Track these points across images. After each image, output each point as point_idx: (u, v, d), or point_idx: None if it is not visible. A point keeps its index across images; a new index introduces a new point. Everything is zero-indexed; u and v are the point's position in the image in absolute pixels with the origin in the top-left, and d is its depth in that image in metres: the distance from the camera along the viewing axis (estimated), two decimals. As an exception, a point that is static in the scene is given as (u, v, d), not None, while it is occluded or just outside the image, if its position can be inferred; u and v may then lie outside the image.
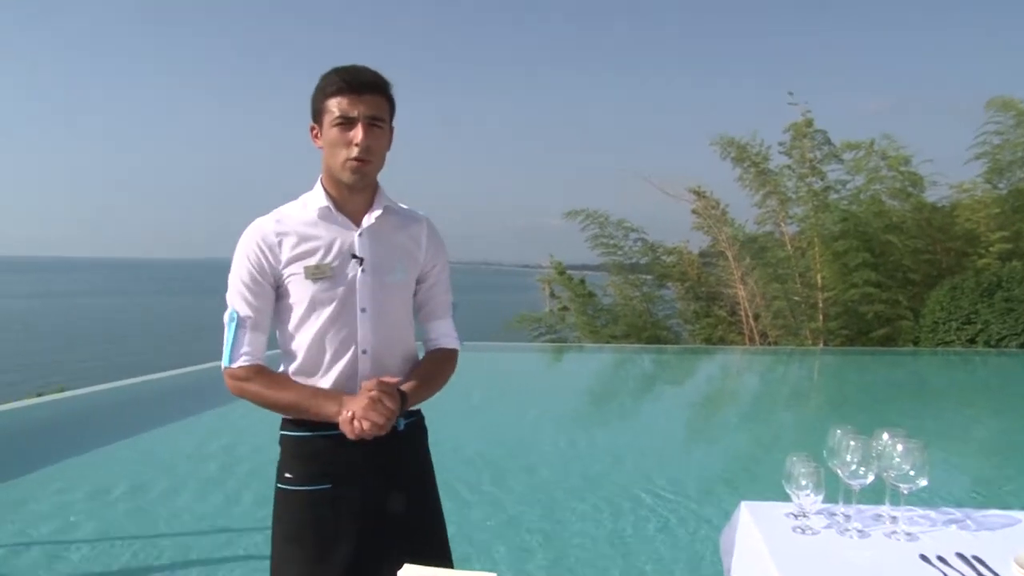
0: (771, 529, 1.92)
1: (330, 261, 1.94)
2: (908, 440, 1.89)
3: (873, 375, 13.41)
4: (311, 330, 1.96)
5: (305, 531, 1.94)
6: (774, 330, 17.37)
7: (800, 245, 17.22)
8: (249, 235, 1.97)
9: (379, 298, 1.99)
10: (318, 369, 1.98)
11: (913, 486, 1.87)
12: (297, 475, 1.96)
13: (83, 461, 6.33)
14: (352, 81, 1.90)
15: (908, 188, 17.19)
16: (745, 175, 17.82)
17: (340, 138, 1.91)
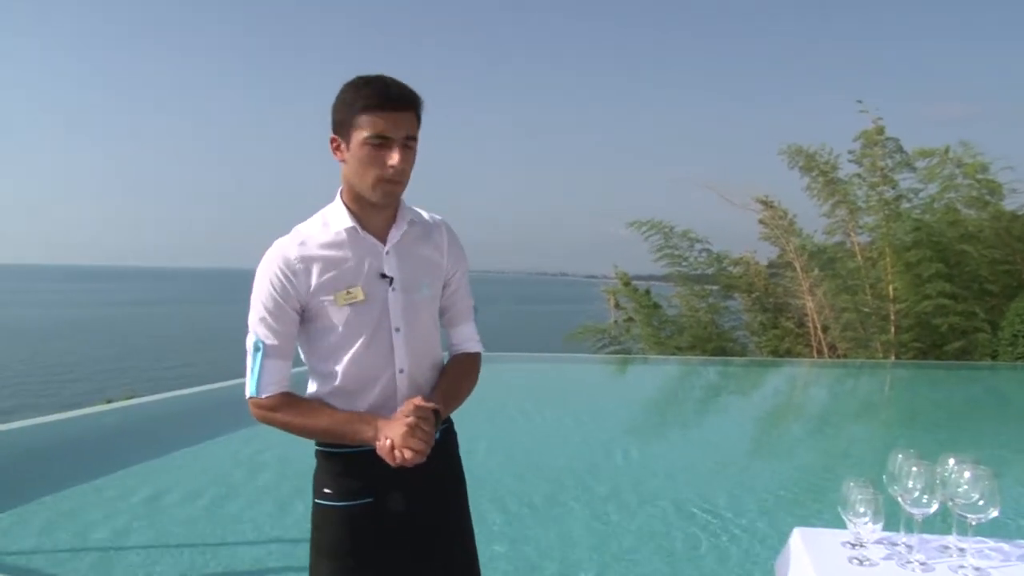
0: (824, 558, 1.82)
1: (361, 284, 1.89)
2: (977, 466, 1.77)
3: (948, 390, 13.03)
4: (347, 355, 1.91)
5: (345, 546, 1.91)
6: (843, 342, 16.99)
7: (871, 255, 16.82)
8: (271, 260, 1.89)
9: (410, 316, 1.94)
10: (356, 393, 1.93)
11: (983, 517, 1.74)
12: (336, 491, 1.93)
13: (146, 468, 6.54)
14: (388, 97, 1.79)
15: (985, 196, 16.68)
16: (813, 184, 17.51)
17: (373, 158, 1.81)
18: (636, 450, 7.96)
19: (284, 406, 1.90)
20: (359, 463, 1.91)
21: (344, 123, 1.83)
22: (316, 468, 2.00)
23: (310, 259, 1.88)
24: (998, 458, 8.22)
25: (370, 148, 1.80)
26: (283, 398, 1.90)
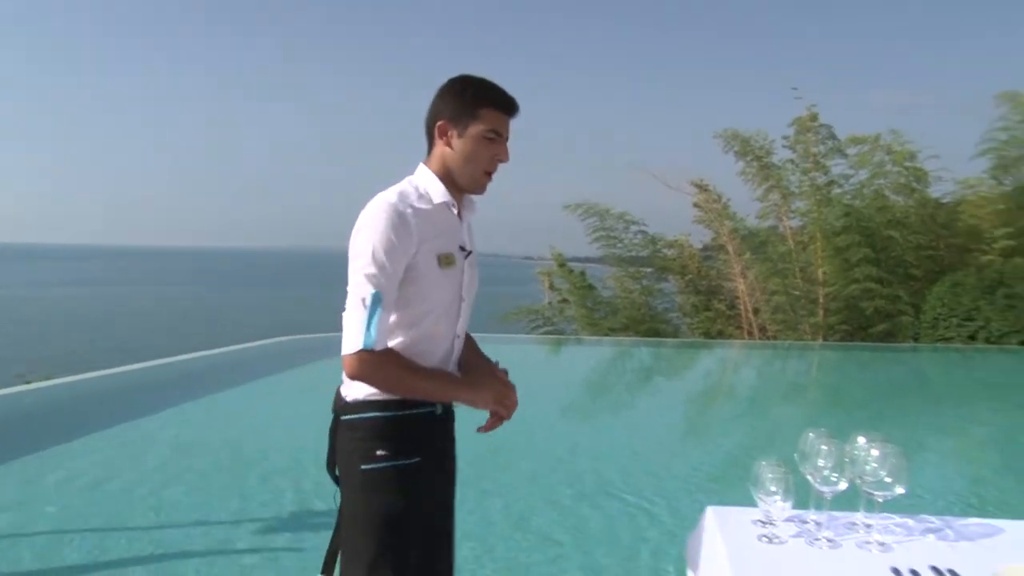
0: (735, 536, 1.82)
1: (452, 250, 2.03)
2: (885, 445, 1.77)
3: (873, 371, 13.29)
4: (429, 315, 2.01)
5: (409, 504, 1.99)
6: (773, 324, 17.27)
7: (802, 240, 17.11)
8: (390, 213, 1.93)
9: (471, 288, 2.14)
10: (425, 353, 2.03)
11: (889, 494, 1.75)
12: (392, 451, 1.98)
13: (64, 450, 6.26)
14: (510, 101, 2.03)
15: (912, 183, 17.08)
16: (748, 169, 17.75)
17: (485, 151, 2.01)
18: (563, 430, 7.91)
19: (396, 361, 1.96)
20: (415, 425, 2.02)
21: (462, 114, 2.00)
22: (356, 437, 2.01)
23: (421, 220, 1.96)
24: (918, 437, 8.40)
25: (485, 142, 2.00)
26: (392, 354, 1.96)
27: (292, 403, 8.72)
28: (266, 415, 8.15)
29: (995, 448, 8.09)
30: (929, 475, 7.06)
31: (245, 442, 6.76)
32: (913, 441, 8.16)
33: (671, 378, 13.24)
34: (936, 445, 8.09)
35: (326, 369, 11.04)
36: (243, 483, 5.45)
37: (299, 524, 4.78)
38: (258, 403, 8.81)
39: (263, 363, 10.92)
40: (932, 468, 7.30)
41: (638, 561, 4.27)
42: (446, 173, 2.05)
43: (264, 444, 6.69)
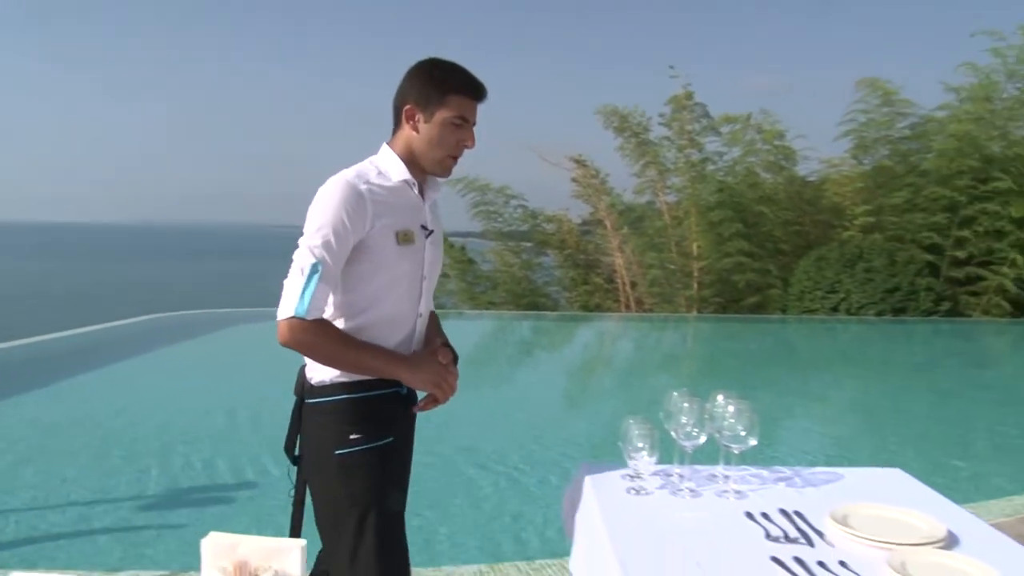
0: (606, 490, 1.95)
1: (412, 228, 2.03)
2: (740, 402, 1.93)
3: (744, 341, 13.75)
4: (389, 293, 2.02)
5: (386, 487, 2.00)
6: (649, 298, 17.63)
7: (677, 215, 17.48)
8: (345, 187, 1.94)
9: (434, 267, 2.14)
10: (386, 332, 2.04)
11: (744, 446, 1.90)
12: (367, 433, 1.98)
13: None
14: (478, 87, 2.02)
15: (781, 161, 17.73)
16: (626, 145, 17.97)
17: (451, 136, 2.01)
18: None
19: (326, 331, 1.94)
20: (385, 406, 2.03)
21: (430, 99, 1.99)
22: (326, 422, 2.01)
23: (377, 196, 1.97)
24: (786, 402, 8.73)
25: (452, 127, 2.00)
26: (325, 324, 1.94)
27: (166, 381, 8.43)
28: (141, 392, 7.90)
29: (851, 410, 8.50)
30: (794, 435, 7.36)
31: (114, 420, 6.61)
32: (780, 405, 8.48)
33: (551, 351, 13.32)
34: (800, 409, 8.43)
35: (199, 347, 10.86)
36: (106, 461, 5.34)
37: (165, 502, 4.62)
38: (133, 381, 8.54)
39: (137, 341, 10.52)
40: (797, 429, 7.61)
41: (505, 524, 4.24)
42: (410, 155, 2.06)
43: (135, 421, 6.55)
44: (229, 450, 5.73)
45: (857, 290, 14.82)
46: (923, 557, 1.53)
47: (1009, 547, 1.66)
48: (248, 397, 7.50)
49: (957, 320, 15.22)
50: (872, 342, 13.51)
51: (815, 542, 1.65)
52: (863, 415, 8.20)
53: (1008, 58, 16.30)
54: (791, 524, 1.75)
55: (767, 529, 1.71)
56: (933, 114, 17.54)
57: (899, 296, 14.73)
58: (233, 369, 9.55)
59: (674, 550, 1.62)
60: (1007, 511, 4.36)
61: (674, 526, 1.75)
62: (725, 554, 1.61)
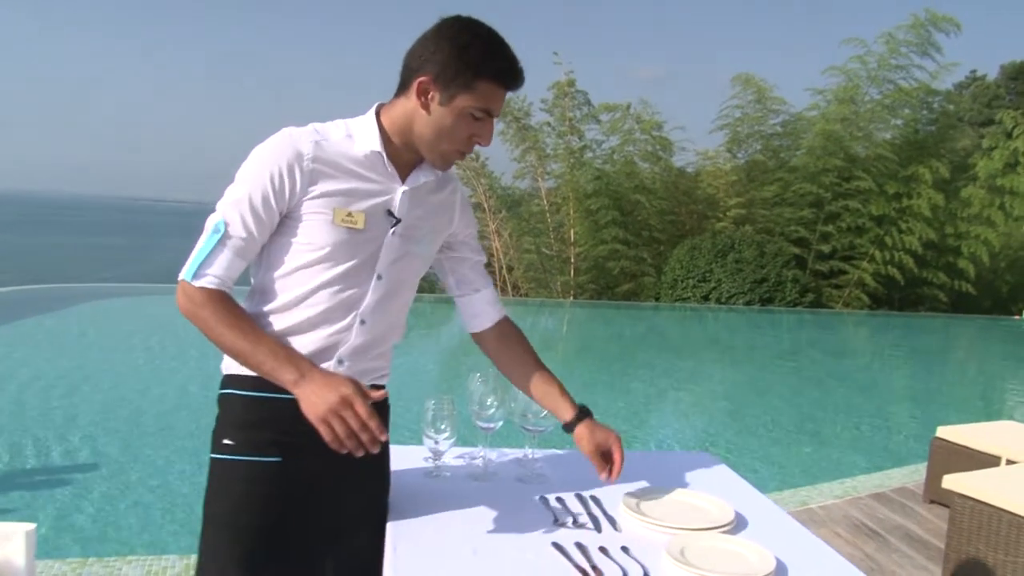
0: (399, 472, 1.82)
1: (365, 211, 1.62)
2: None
3: (618, 327, 13.85)
4: (316, 280, 1.61)
5: (244, 514, 1.61)
6: (526, 283, 17.60)
7: (556, 201, 17.49)
8: (279, 148, 1.58)
9: (398, 267, 1.68)
10: (305, 325, 1.63)
11: (542, 429, 1.86)
12: (240, 442, 1.62)
13: None
14: (517, 74, 1.59)
15: (659, 152, 17.97)
16: (507, 130, 17.82)
17: (465, 128, 1.59)
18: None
19: (216, 303, 1.56)
20: (275, 414, 1.61)
21: (455, 79, 1.55)
22: (217, 417, 1.67)
23: (323, 162, 1.60)
24: (656, 385, 8.75)
25: (470, 118, 1.59)
26: (217, 295, 1.57)
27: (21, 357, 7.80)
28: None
29: (715, 396, 8.60)
30: (660, 419, 7.35)
31: None
32: (651, 391, 8.50)
33: (421, 334, 13.04)
34: (667, 394, 8.47)
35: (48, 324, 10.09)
36: None
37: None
38: None
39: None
40: (661, 414, 7.61)
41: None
42: (407, 134, 1.64)
43: None
44: (64, 433, 5.26)
45: (728, 280, 15.17)
46: (704, 541, 1.52)
47: (795, 531, 1.67)
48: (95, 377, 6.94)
49: (820, 311, 15.80)
50: (740, 330, 13.84)
51: (603, 527, 1.61)
52: (726, 400, 8.30)
53: (870, 64, 17.05)
54: (584, 509, 1.69)
55: (557, 514, 1.65)
56: (803, 113, 18.18)
57: (767, 287, 15.17)
58: (82, 348, 8.86)
59: (453, 535, 1.54)
60: (837, 492, 4.49)
61: (460, 510, 1.66)
62: (505, 540, 1.55)
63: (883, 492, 4.45)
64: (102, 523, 3.88)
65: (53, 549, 3.45)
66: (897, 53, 16.95)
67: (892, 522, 3.99)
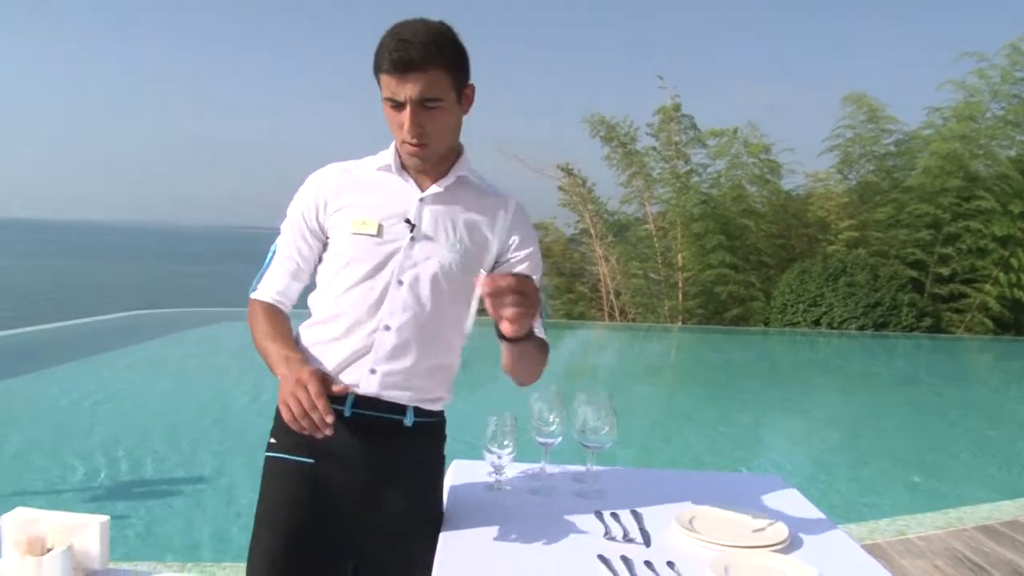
0: (463, 485, 1.95)
1: (379, 219, 1.74)
2: (599, 402, 1.88)
3: (726, 353, 13.77)
4: (341, 287, 1.76)
5: (276, 511, 1.75)
6: (633, 308, 17.63)
7: (663, 225, 17.49)
8: (312, 180, 1.83)
9: (420, 273, 1.75)
10: (333, 333, 1.77)
11: (600, 446, 1.88)
12: (280, 441, 1.77)
13: None
14: (397, 61, 1.63)
15: (766, 175, 17.75)
16: (613, 155, 17.98)
17: (394, 119, 1.70)
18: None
19: (261, 312, 1.81)
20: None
21: (376, 79, 1.71)
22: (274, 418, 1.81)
23: (345, 184, 1.80)
24: (765, 412, 8.73)
25: (391, 110, 1.70)
26: (266, 306, 1.82)
27: (139, 375, 8.50)
28: (111, 388, 7.97)
29: (827, 423, 8.50)
30: (769, 446, 7.36)
31: (78, 413, 6.72)
32: (760, 418, 8.50)
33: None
34: (779, 421, 8.43)
35: (176, 343, 10.86)
36: (66, 454, 5.43)
37: (113, 493, 4.73)
38: (105, 376, 8.59)
39: (111, 336, 10.59)
40: (772, 441, 7.61)
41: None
42: None
43: (100, 416, 6.68)
44: (190, 446, 5.76)
45: (840, 304, 14.86)
46: (751, 560, 1.54)
47: (855, 557, 1.66)
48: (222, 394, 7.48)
49: (939, 336, 15.27)
50: (853, 356, 13.54)
51: (653, 543, 1.64)
52: (837, 427, 8.20)
53: (992, 78, 16.41)
54: (636, 524, 1.73)
55: (609, 528, 1.69)
56: (918, 131, 17.64)
57: (881, 311, 14.76)
58: (202, 367, 9.51)
59: (504, 544, 1.62)
60: (939, 523, 4.42)
61: (515, 521, 1.72)
62: (554, 550, 1.60)
63: (991, 524, 4.40)
64: (205, 530, 4.24)
65: (157, 552, 3.83)
66: (1021, 65, 16.26)
67: (999, 556, 3.97)
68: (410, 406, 1.77)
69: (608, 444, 1.87)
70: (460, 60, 1.72)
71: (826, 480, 5.98)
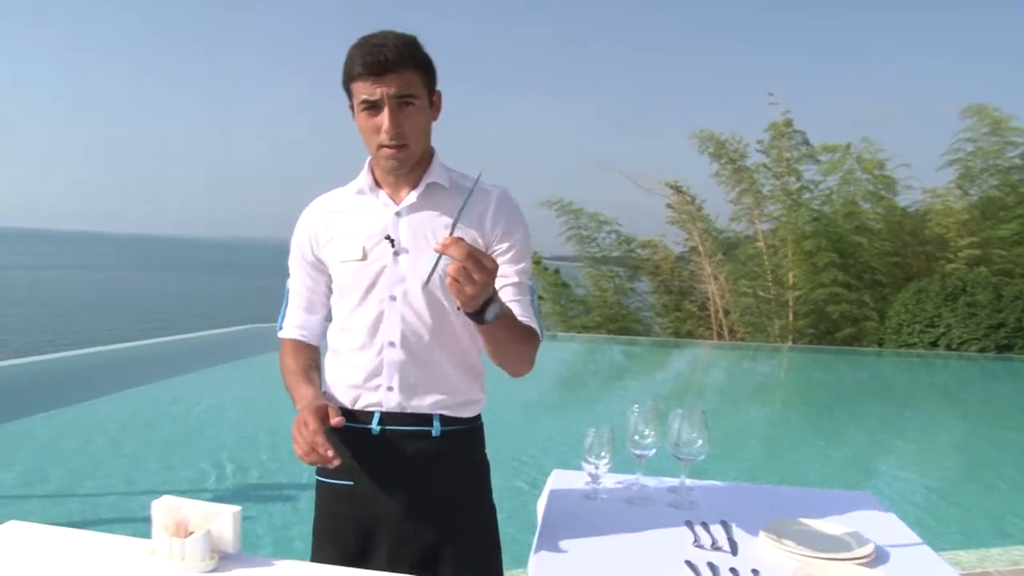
0: (562, 493, 2.03)
1: (363, 243, 1.79)
2: (693, 417, 1.96)
3: (838, 374, 13.57)
4: (341, 318, 1.86)
5: (325, 531, 1.88)
6: (742, 326, 17.53)
7: (773, 243, 17.35)
8: (302, 218, 1.92)
9: (410, 288, 1.77)
10: (348, 357, 1.86)
11: (692, 459, 1.95)
12: (323, 467, 1.81)
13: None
14: (373, 62, 1.67)
15: (881, 191, 17.38)
16: (722, 171, 17.95)
17: (369, 124, 1.72)
18: (535, 422, 8.09)
19: (285, 350, 1.94)
20: (344, 439, 1.80)
21: (348, 92, 1.76)
22: None
23: (328, 218, 1.87)
24: (879, 435, 8.66)
25: (366, 115, 1.72)
26: (289, 343, 1.94)
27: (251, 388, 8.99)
28: (227, 398, 8.52)
29: (944, 448, 8.37)
30: (882, 470, 7.33)
31: (202, 422, 7.33)
32: (873, 441, 8.44)
33: (640, 376, 13.45)
34: (893, 445, 8.36)
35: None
36: (196, 457, 5.96)
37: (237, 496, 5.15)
38: (221, 386, 9.19)
39: (228, 348, 11.24)
40: (885, 465, 7.57)
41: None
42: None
43: (221, 423, 7.22)
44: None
45: (959, 325, 14.43)
46: (834, 571, 1.57)
47: (936, 570, 1.68)
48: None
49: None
50: (974, 380, 13.14)
51: (740, 552, 1.70)
52: (956, 454, 8.08)
53: None
54: (725, 534, 1.79)
55: (698, 536, 1.76)
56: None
57: (1004, 332, 14.25)
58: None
59: (594, 549, 1.70)
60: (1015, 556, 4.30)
61: (608, 528, 1.81)
62: (642, 555, 1.68)
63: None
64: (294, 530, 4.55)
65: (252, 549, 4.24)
66: None
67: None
68: (435, 415, 1.81)
69: (701, 457, 1.93)
70: (429, 65, 1.76)
71: (938, 506, 5.98)
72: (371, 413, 1.81)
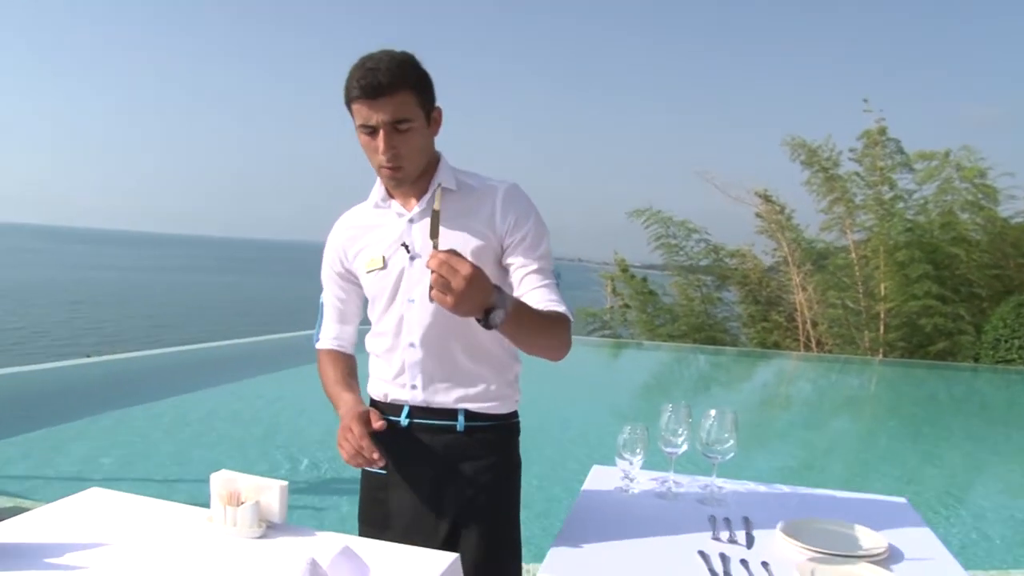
0: (602, 489, 2.14)
1: (383, 252, 1.93)
2: (724, 418, 2.02)
3: (931, 389, 13.28)
4: (373, 321, 2.01)
5: (367, 515, 2.04)
6: (830, 338, 17.24)
7: (865, 254, 16.98)
8: (330, 237, 2.06)
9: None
10: (379, 363, 2.03)
11: (721, 457, 2.03)
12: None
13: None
14: (367, 86, 1.75)
15: (981, 201, 16.81)
16: (813, 179, 17.62)
17: (369, 145, 1.83)
18: (611, 428, 8.28)
19: (323, 360, 2.09)
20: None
21: (348, 110, 1.85)
22: None
23: (352, 233, 2.01)
24: (973, 457, 8.48)
25: (365, 137, 1.82)
26: (326, 354, 2.09)
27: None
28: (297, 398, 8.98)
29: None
30: (976, 491, 7.19)
31: (274, 419, 7.80)
32: (967, 461, 8.27)
33: (726, 386, 13.44)
34: (988, 466, 8.19)
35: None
36: (267, 450, 6.45)
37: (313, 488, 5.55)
38: (291, 387, 9.63)
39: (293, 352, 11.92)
40: (979, 485, 7.43)
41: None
42: None
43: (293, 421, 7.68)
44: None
45: (1062, 341, 13.91)
46: (843, 567, 1.62)
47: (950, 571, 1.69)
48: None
49: None
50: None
51: (756, 546, 1.76)
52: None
53: None
54: (744, 529, 1.85)
55: (718, 530, 1.84)
56: None
57: (1114, 350, 13.67)
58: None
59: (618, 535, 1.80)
60: None
61: (635, 518, 1.93)
62: (660, 543, 1.78)
63: None
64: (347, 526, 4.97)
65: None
66: None
67: None
68: (460, 409, 1.93)
69: (729, 456, 2.02)
70: (425, 83, 1.84)
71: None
72: (400, 407, 1.96)
